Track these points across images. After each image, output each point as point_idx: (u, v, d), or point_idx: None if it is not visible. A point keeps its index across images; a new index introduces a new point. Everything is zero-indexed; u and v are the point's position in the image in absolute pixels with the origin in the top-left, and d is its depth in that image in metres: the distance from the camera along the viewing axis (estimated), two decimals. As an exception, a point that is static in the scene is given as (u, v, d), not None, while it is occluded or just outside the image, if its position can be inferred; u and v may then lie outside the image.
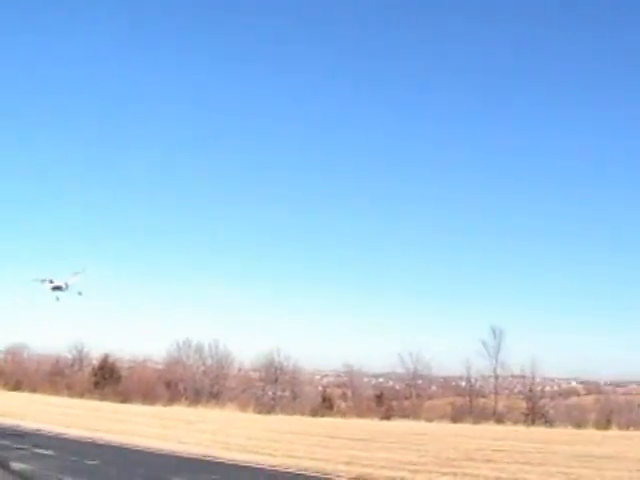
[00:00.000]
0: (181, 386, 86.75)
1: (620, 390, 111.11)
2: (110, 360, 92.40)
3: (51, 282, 51.14)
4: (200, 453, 33.38)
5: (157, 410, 69.50)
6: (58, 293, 52.20)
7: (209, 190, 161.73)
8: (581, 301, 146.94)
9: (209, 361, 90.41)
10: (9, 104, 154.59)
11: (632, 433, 58.70)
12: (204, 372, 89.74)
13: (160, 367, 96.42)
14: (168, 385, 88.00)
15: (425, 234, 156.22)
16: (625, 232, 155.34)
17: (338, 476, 26.76)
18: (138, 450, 34.46)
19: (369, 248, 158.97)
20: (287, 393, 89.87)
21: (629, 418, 71.52)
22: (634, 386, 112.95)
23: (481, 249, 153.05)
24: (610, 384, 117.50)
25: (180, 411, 69.29)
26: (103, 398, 79.34)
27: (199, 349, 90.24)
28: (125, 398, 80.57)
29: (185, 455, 32.91)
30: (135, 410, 67.05)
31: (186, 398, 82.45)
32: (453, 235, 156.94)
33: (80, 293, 53.97)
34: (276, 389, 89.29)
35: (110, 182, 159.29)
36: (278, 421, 64.23)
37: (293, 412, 78.49)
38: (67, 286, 51.54)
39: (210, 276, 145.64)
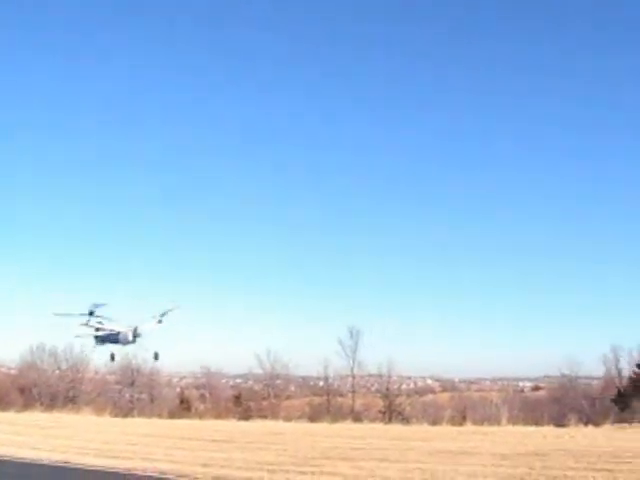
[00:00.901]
0: (35, 391, 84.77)
1: (474, 387, 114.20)
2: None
3: (100, 325, 40.58)
4: (54, 459, 32.65)
5: (10, 416, 67.60)
6: (115, 348, 42.75)
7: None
8: (435, 300, 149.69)
9: (64, 365, 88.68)
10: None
11: (486, 429, 59.85)
12: (59, 376, 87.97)
13: (13, 372, 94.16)
14: (22, 390, 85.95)
15: (282, 234, 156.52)
16: (474, 230, 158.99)
17: (196, 478, 26.66)
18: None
19: (228, 248, 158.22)
20: (144, 396, 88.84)
21: (483, 414, 73.11)
22: (487, 383, 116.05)
23: (337, 250, 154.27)
24: (464, 381, 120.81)
25: (35, 417, 67.68)
26: (-46, 405, 77.02)
27: (53, 353, 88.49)
28: (-23, 405, 78.31)
29: (38, 462, 32.13)
30: (-13, 417, 65.24)
31: (41, 403, 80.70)
32: (310, 236, 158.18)
33: (157, 357, 45.64)
34: (133, 392, 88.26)
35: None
36: (135, 424, 63.37)
37: (151, 415, 77.67)
38: (136, 337, 42.82)
39: (63, 277, 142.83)
